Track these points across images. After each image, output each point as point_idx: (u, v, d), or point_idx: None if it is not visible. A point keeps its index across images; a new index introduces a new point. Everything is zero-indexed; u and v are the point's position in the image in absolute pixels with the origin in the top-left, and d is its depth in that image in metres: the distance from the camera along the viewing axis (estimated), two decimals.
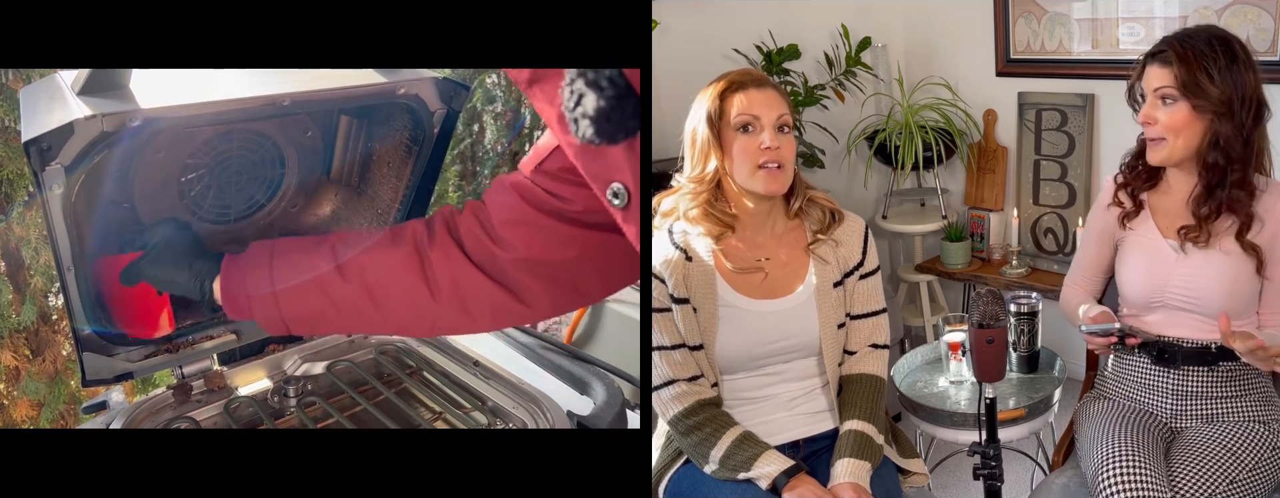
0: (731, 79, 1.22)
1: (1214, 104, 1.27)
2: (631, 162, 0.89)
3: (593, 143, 0.84)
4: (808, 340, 1.31)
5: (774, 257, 1.30)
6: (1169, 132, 1.31)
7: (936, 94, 2.42)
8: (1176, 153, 1.32)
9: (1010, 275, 2.33)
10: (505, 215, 1.12)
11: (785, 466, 1.22)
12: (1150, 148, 1.35)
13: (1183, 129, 1.30)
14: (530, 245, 1.10)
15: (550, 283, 1.13)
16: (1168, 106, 1.30)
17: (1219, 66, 1.27)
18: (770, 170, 1.21)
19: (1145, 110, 1.32)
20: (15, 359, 4.85)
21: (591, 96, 0.81)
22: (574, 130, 0.84)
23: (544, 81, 0.91)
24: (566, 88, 0.84)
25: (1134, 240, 1.42)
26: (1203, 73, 1.27)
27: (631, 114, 0.82)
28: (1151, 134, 1.33)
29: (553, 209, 1.09)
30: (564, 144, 0.94)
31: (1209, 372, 1.39)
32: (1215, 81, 1.27)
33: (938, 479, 1.92)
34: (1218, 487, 1.26)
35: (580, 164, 0.94)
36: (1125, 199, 1.42)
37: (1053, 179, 2.37)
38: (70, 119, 1.05)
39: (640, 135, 0.86)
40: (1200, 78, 1.27)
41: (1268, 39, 1.92)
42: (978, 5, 2.37)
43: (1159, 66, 1.30)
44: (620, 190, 0.91)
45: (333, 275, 1.14)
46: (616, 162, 0.89)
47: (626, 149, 0.87)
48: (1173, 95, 1.29)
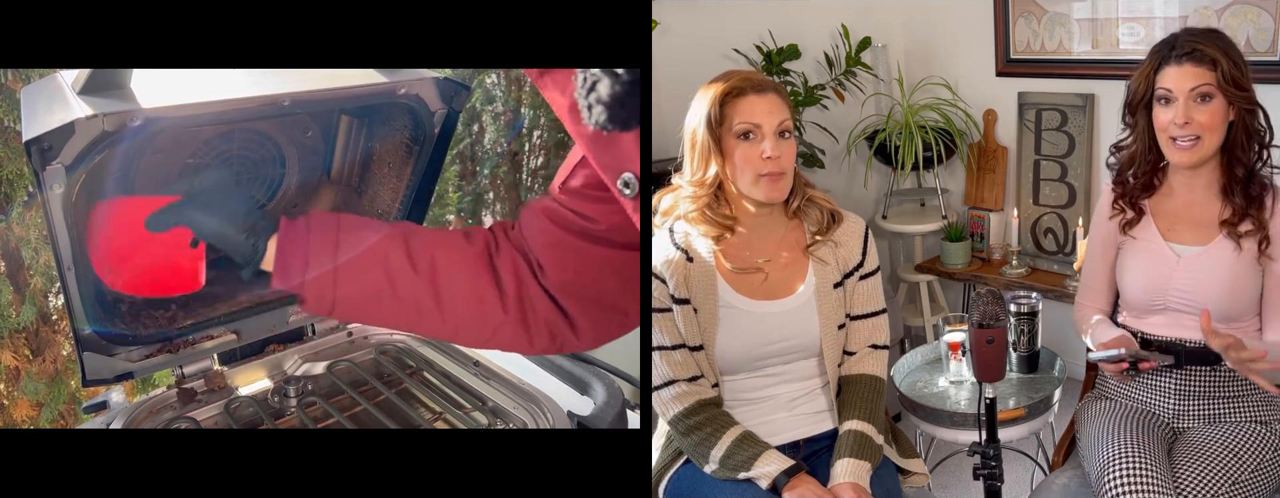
0: (732, 84, 1.20)
1: (1247, 97, 1.29)
2: (639, 152, 0.90)
3: (606, 129, 0.85)
4: (808, 341, 1.31)
5: (774, 258, 1.30)
6: (1205, 130, 1.29)
7: (936, 94, 2.42)
8: (1209, 151, 1.31)
9: (1010, 275, 2.33)
10: (541, 240, 1.09)
11: (785, 465, 1.22)
12: (1178, 151, 1.31)
13: (1218, 126, 1.30)
14: (566, 268, 1.08)
15: (593, 306, 1.10)
16: (1206, 105, 1.28)
17: (1242, 58, 1.29)
18: (772, 178, 1.21)
19: (1181, 111, 1.29)
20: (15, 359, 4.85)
21: (605, 82, 0.82)
22: (587, 118, 0.85)
23: (555, 73, 0.91)
24: (580, 74, 0.84)
25: (1135, 244, 1.42)
26: (1237, 67, 1.28)
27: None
28: (1186, 133, 1.30)
29: (582, 230, 1.06)
30: (576, 135, 0.94)
31: (1211, 372, 1.39)
32: (1246, 74, 1.28)
33: (938, 479, 1.92)
34: (1221, 487, 1.26)
35: (593, 156, 0.94)
36: (1125, 207, 1.42)
37: (1053, 179, 2.37)
38: (71, 119, 1.05)
39: (641, 135, 0.86)
40: (1242, 69, 1.28)
41: (1268, 39, 1.92)
42: (978, 5, 2.37)
43: (1192, 65, 1.28)
44: (630, 180, 0.92)
45: (403, 262, 1.07)
46: (627, 151, 0.90)
47: (635, 139, 0.88)
48: (1210, 92, 1.28)
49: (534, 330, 1.10)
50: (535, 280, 1.09)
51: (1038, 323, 1.72)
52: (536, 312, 1.09)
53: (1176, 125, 1.30)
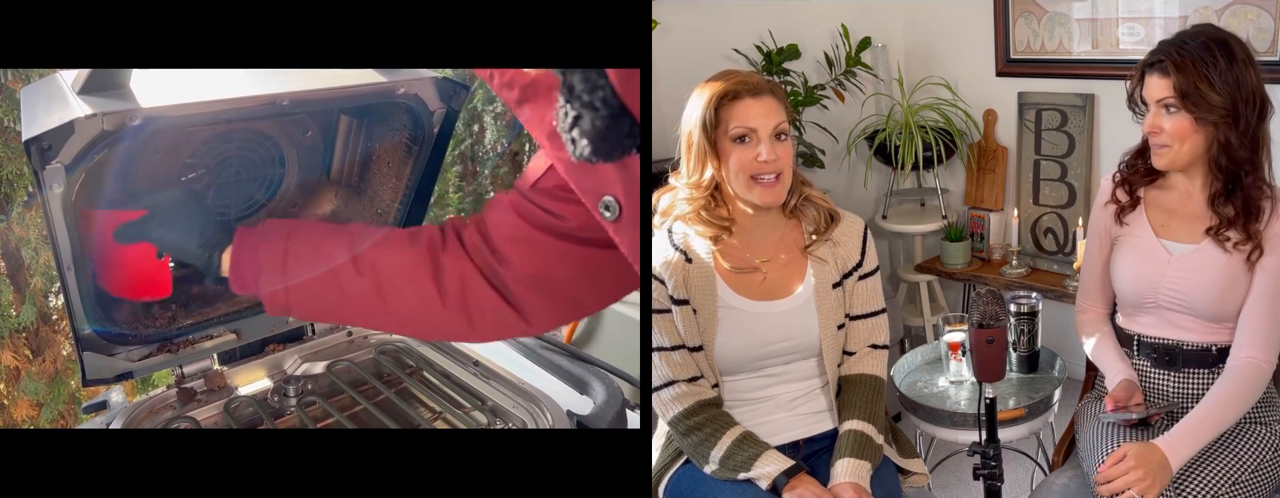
0: (728, 88, 1.19)
1: (1217, 112, 1.26)
2: (623, 175, 0.90)
3: (589, 162, 0.86)
4: (807, 341, 1.31)
5: (773, 258, 1.30)
6: (1174, 139, 1.29)
7: (936, 94, 2.42)
8: (1181, 159, 1.31)
9: (1010, 275, 2.33)
10: (505, 233, 1.13)
11: (785, 466, 1.22)
12: (1155, 154, 1.33)
13: (1188, 136, 1.29)
14: (529, 262, 1.12)
15: (550, 297, 1.14)
16: (1172, 115, 1.28)
17: (1219, 71, 1.24)
18: (767, 183, 1.21)
19: (1150, 120, 1.31)
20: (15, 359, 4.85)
21: (587, 117, 0.83)
22: (572, 150, 0.86)
23: (534, 100, 0.92)
24: (561, 109, 0.85)
25: (1128, 240, 1.41)
26: (1203, 81, 1.24)
27: (628, 133, 0.84)
28: (1157, 141, 1.31)
29: (550, 226, 1.10)
30: (556, 160, 0.96)
31: (1210, 373, 1.39)
32: (1216, 88, 1.24)
33: (938, 479, 1.92)
34: (1221, 487, 1.26)
35: (572, 180, 0.96)
36: (1123, 195, 1.42)
37: (1053, 179, 2.37)
38: (71, 118, 1.05)
39: (640, 135, 0.86)
40: (1201, 87, 1.25)
41: (1268, 39, 1.92)
42: (978, 5, 2.37)
43: (1158, 76, 1.28)
44: (611, 202, 0.93)
45: (347, 265, 1.14)
46: (608, 176, 0.91)
47: (618, 164, 0.89)
48: (1175, 104, 1.27)
49: (478, 322, 1.15)
50: (481, 277, 1.13)
51: (1038, 323, 1.72)
52: (479, 304, 1.14)
53: (1150, 134, 1.32)
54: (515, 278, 1.12)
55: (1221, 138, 1.28)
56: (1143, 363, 1.43)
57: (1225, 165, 1.30)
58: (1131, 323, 1.44)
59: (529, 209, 1.11)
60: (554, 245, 1.10)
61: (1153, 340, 1.41)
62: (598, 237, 1.03)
